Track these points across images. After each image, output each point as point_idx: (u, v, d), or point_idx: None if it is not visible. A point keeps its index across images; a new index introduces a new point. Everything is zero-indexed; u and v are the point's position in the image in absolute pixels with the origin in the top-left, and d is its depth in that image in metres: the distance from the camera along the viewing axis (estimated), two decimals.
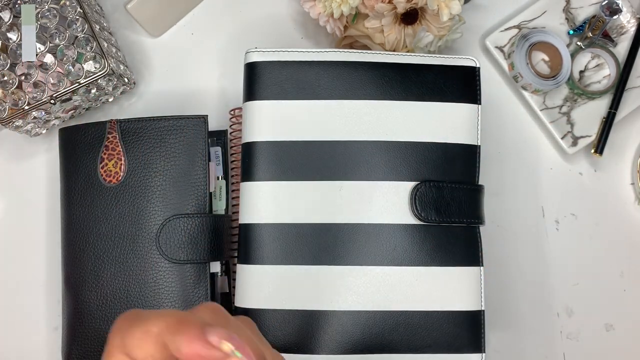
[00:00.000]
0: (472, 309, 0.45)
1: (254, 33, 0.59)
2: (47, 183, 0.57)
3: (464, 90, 0.47)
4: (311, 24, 0.58)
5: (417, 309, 0.44)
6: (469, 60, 0.47)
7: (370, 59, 0.47)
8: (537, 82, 0.56)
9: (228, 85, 0.58)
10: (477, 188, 0.46)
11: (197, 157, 0.49)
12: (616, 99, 0.57)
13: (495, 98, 0.59)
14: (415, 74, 0.46)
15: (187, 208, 0.48)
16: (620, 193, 0.58)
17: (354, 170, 0.45)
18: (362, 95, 0.46)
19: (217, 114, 0.56)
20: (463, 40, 0.59)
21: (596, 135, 0.57)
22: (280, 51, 0.46)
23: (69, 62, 0.51)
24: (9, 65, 0.51)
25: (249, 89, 0.47)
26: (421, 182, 0.45)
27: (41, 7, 0.51)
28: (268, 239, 0.45)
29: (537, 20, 0.59)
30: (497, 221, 0.56)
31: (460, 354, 0.44)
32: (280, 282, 0.44)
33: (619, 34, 0.59)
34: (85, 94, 0.52)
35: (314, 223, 0.45)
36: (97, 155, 0.49)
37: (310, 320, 0.44)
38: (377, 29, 0.51)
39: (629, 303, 0.57)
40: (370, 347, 0.44)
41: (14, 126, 0.52)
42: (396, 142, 0.45)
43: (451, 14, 0.49)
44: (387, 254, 0.44)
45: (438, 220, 0.44)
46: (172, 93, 0.58)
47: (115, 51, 0.55)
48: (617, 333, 0.56)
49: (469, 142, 0.47)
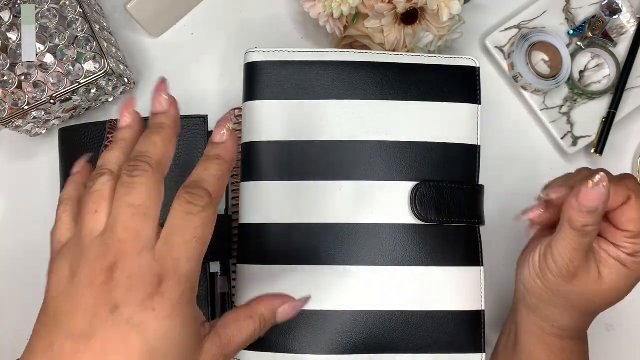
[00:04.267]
0: (472, 309, 0.45)
1: (254, 33, 0.59)
2: (47, 183, 0.56)
3: (464, 90, 0.47)
4: (311, 24, 0.58)
5: (417, 309, 0.44)
6: (469, 60, 0.47)
7: (370, 59, 0.47)
8: (537, 82, 0.56)
9: (228, 85, 0.58)
10: (477, 188, 0.46)
11: (197, 157, 0.49)
12: (616, 99, 0.57)
13: (495, 98, 0.59)
14: (415, 74, 0.46)
15: None
16: None
17: (354, 170, 0.45)
18: (362, 95, 0.46)
19: (217, 114, 0.56)
20: (463, 40, 0.59)
21: (596, 135, 0.57)
22: (280, 51, 0.46)
23: (69, 62, 0.51)
24: (9, 65, 0.51)
25: (249, 89, 0.47)
26: (421, 182, 0.45)
27: (41, 7, 0.51)
28: (268, 239, 0.45)
29: (537, 20, 0.59)
30: (497, 221, 0.56)
31: (460, 354, 0.44)
32: (280, 283, 0.44)
33: (619, 34, 0.59)
34: (85, 94, 0.52)
35: (314, 223, 0.45)
36: (97, 155, 0.49)
37: (310, 320, 0.44)
38: (377, 29, 0.51)
39: (629, 303, 0.57)
40: (370, 347, 0.44)
41: (14, 126, 0.52)
42: (396, 142, 0.45)
43: (451, 14, 0.49)
44: (387, 254, 0.44)
45: (438, 220, 0.44)
46: (172, 93, 0.58)
47: (115, 51, 0.55)
48: (617, 333, 0.56)
49: (469, 142, 0.47)
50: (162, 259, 0.28)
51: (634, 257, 0.37)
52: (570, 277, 0.38)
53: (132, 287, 0.27)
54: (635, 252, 0.37)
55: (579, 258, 0.37)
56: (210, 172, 0.30)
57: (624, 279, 0.38)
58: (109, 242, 0.28)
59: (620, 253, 0.37)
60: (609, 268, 0.38)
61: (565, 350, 0.42)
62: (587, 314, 0.41)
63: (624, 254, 0.37)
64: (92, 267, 0.27)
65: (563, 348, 0.42)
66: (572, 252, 0.37)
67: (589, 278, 0.38)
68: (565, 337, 0.42)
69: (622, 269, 0.37)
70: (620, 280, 0.38)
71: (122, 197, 0.28)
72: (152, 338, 0.26)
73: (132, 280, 0.27)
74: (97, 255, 0.27)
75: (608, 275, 0.38)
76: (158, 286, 0.27)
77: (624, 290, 0.38)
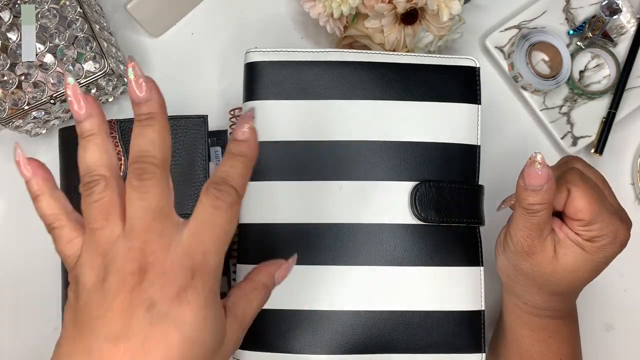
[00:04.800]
0: (472, 309, 0.45)
1: (254, 33, 0.59)
2: None
3: (464, 90, 0.47)
4: (311, 24, 0.58)
5: (417, 309, 0.44)
6: (469, 60, 0.47)
7: (370, 59, 0.46)
8: (537, 82, 0.56)
9: (228, 85, 0.58)
10: (477, 188, 0.46)
11: (197, 157, 0.49)
12: (616, 99, 0.57)
13: (495, 98, 0.59)
14: (415, 74, 0.46)
15: (187, 208, 0.48)
16: (620, 193, 0.58)
17: (353, 170, 0.45)
18: (362, 95, 0.46)
19: (217, 114, 0.56)
20: (463, 40, 0.59)
21: (596, 135, 0.57)
22: (280, 51, 0.46)
23: (69, 62, 0.51)
24: (9, 65, 0.51)
25: (249, 89, 0.47)
26: (421, 182, 0.45)
27: (41, 7, 0.51)
28: (268, 239, 0.45)
29: (537, 20, 0.59)
30: (497, 221, 0.56)
31: (460, 354, 0.44)
32: (280, 283, 0.44)
33: (619, 34, 0.59)
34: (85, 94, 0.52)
35: (314, 223, 0.45)
36: None
37: (311, 320, 0.44)
38: (377, 29, 0.51)
39: (629, 303, 0.57)
40: (370, 347, 0.44)
41: (14, 126, 0.52)
42: (396, 142, 0.45)
43: (451, 14, 0.49)
44: (387, 254, 0.44)
45: (438, 220, 0.44)
46: (172, 93, 0.58)
47: (115, 51, 0.55)
48: (617, 333, 0.56)
49: (469, 142, 0.47)
50: (193, 252, 0.28)
51: (591, 242, 0.39)
52: (526, 255, 0.40)
53: (166, 282, 0.27)
54: (592, 238, 0.39)
55: (531, 236, 0.39)
56: (236, 170, 0.30)
57: (582, 262, 0.39)
58: (135, 245, 0.28)
59: (579, 238, 0.39)
60: (565, 249, 0.40)
61: (545, 329, 0.44)
62: (553, 294, 0.42)
63: (582, 239, 0.39)
64: (122, 272, 0.27)
65: (543, 327, 0.44)
66: (524, 229, 0.39)
67: (544, 257, 0.40)
68: (545, 316, 0.44)
69: (579, 251, 0.39)
70: (577, 262, 0.39)
71: (137, 202, 0.29)
72: (190, 330, 0.27)
73: (166, 276, 0.27)
74: (124, 260, 0.28)
75: (563, 256, 0.40)
76: (192, 279, 0.28)
77: (584, 272, 0.40)
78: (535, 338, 0.44)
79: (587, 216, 0.38)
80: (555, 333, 0.44)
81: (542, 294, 0.42)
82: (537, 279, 0.41)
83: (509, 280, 0.44)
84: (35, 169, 0.33)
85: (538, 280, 0.41)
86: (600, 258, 0.39)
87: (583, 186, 0.39)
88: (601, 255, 0.39)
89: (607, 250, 0.39)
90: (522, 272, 0.41)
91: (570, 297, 0.44)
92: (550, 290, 0.42)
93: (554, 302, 0.43)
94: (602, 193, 0.40)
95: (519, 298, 0.44)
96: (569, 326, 0.45)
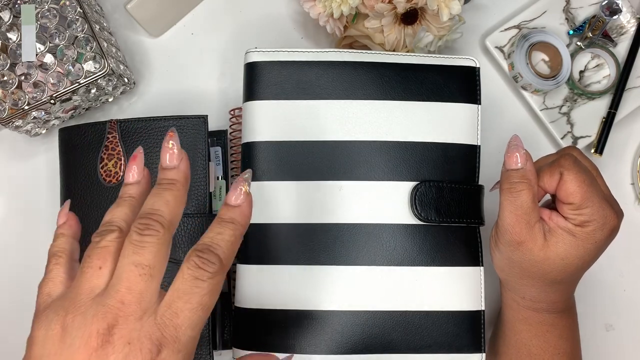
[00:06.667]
0: (472, 309, 0.45)
1: (254, 33, 0.59)
2: (47, 183, 0.57)
3: (464, 90, 0.47)
4: (311, 24, 0.58)
5: (417, 309, 0.44)
6: (468, 60, 0.47)
7: (370, 59, 0.47)
8: (537, 82, 0.56)
9: (228, 85, 0.58)
10: (477, 188, 0.46)
11: (197, 157, 0.49)
12: (616, 99, 0.57)
13: (495, 98, 0.59)
14: (415, 74, 0.46)
15: (187, 208, 0.48)
16: (620, 193, 0.58)
17: (354, 170, 0.45)
18: (362, 95, 0.46)
19: (217, 114, 0.56)
20: (463, 40, 0.59)
21: (596, 136, 0.57)
22: (280, 51, 0.46)
23: (68, 62, 0.51)
24: (9, 65, 0.51)
25: (249, 89, 0.47)
26: (421, 182, 0.45)
27: (41, 7, 0.51)
28: (268, 239, 0.45)
29: (537, 20, 0.59)
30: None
31: (460, 354, 0.44)
32: (280, 282, 0.44)
33: (619, 34, 0.59)
34: (85, 94, 0.52)
35: (314, 223, 0.45)
36: (97, 155, 0.49)
37: (311, 320, 0.44)
38: (377, 29, 0.51)
39: (629, 303, 0.57)
40: (370, 347, 0.44)
41: (14, 126, 0.52)
42: (396, 142, 0.45)
43: (451, 14, 0.49)
44: (387, 254, 0.44)
45: (438, 220, 0.44)
46: (172, 93, 0.58)
47: (115, 51, 0.55)
48: (617, 333, 0.56)
49: (469, 142, 0.47)
50: (164, 325, 0.27)
51: (582, 227, 0.40)
52: (516, 244, 0.41)
53: (129, 354, 0.26)
54: (582, 223, 0.40)
55: (518, 222, 0.40)
56: (224, 237, 0.29)
57: (573, 248, 0.40)
58: (110, 302, 0.27)
59: (569, 224, 0.40)
60: (556, 237, 0.40)
61: (543, 323, 0.44)
62: (547, 284, 0.42)
63: (572, 225, 0.40)
64: (88, 327, 0.26)
65: (541, 321, 0.44)
66: (510, 215, 0.40)
67: (534, 245, 0.40)
68: (542, 310, 0.44)
69: (570, 237, 0.40)
70: (567, 249, 0.40)
71: (130, 255, 0.28)
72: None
73: (131, 346, 0.26)
74: (95, 315, 0.26)
75: (554, 243, 0.40)
76: (157, 354, 0.26)
77: (574, 258, 0.40)
78: (533, 332, 0.45)
79: (578, 199, 0.39)
80: (552, 327, 0.44)
81: (537, 285, 0.42)
82: (530, 268, 0.41)
83: (504, 275, 0.44)
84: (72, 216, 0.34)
85: (532, 270, 0.41)
86: (591, 244, 0.40)
87: (575, 169, 0.40)
88: (591, 241, 0.40)
89: (596, 235, 0.40)
90: (515, 263, 0.42)
91: (565, 288, 0.44)
92: (544, 280, 0.42)
93: (550, 293, 0.43)
94: (594, 179, 0.41)
95: (515, 292, 0.44)
96: (566, 320, 0.45)
